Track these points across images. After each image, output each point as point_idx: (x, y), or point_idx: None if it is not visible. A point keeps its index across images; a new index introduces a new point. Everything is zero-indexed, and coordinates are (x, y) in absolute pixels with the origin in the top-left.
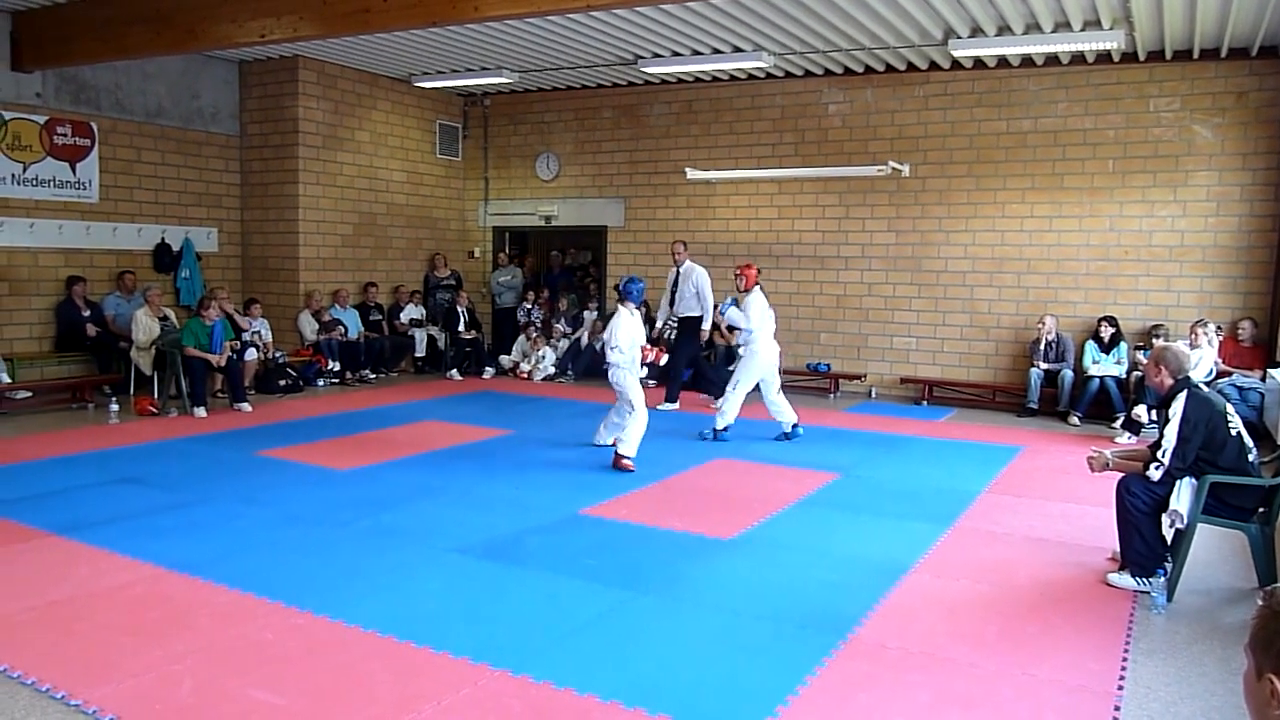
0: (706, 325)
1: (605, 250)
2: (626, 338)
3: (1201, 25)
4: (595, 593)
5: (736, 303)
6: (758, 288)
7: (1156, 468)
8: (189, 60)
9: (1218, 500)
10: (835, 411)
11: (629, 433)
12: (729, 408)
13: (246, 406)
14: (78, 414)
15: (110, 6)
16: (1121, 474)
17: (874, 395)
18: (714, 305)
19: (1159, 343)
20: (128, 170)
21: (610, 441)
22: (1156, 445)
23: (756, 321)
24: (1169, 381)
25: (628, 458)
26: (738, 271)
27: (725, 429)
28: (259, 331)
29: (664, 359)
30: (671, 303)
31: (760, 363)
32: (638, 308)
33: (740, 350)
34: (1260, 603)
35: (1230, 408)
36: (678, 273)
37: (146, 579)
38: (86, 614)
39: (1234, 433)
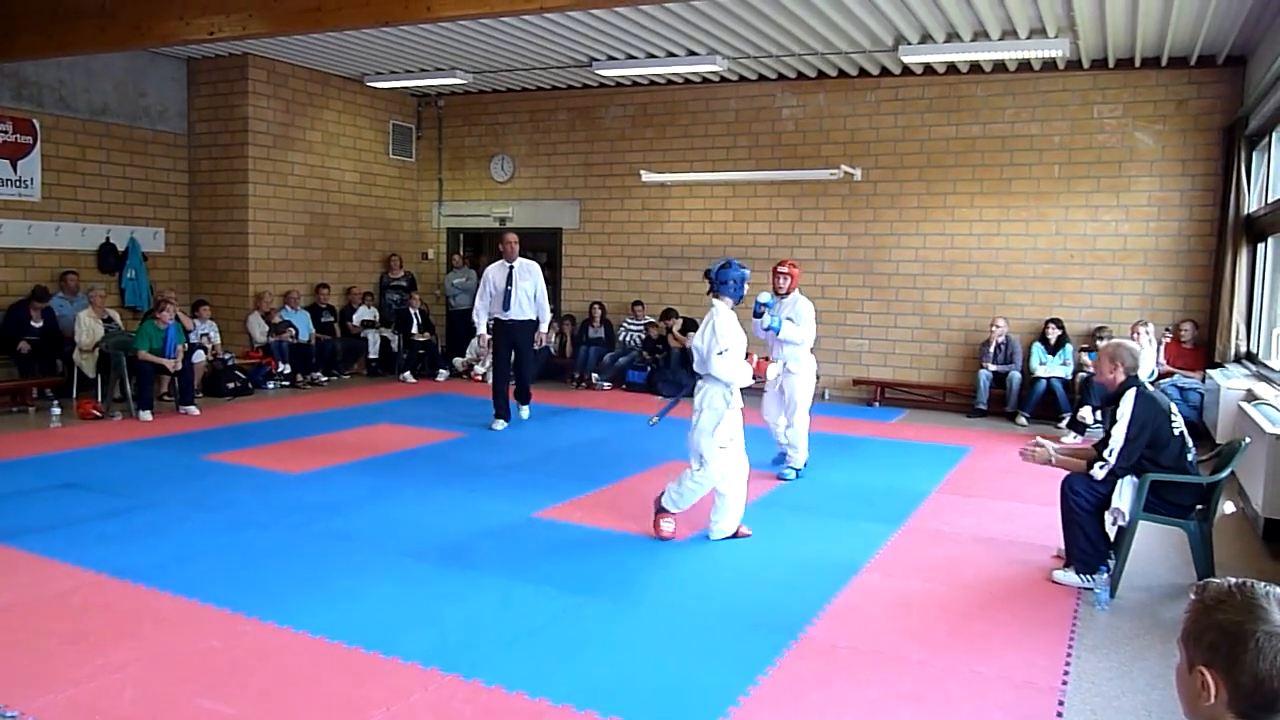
0: (544, 328)
1: (560, 253)
2: (737, 339)
3: (1143, 35)
4: (548, 596)
5: (770, 308)
6: (798, 290)
7: (1101, 466)
8: (135, 57)
9: (1158, 498)
10: None
11: (688, 487)
12: (800, 441)
13: (194, 409)
14: (18, 418)
15: (53, 2)
16: (1064, 470)
17: (827, 397)
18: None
19: (1110, 340)
20: (71, 168)
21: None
22: (1103, 444)
23: (811, 331)
24: (1121, 377)
25: (671, 513)
26: (784, 271)
27: (804, 464)
28: (207, 334)
29: (771, 370)
30: (506, 305)
31: (810, 379)
32: (736, 304)
33: (786, 368)
34: (1192, 596)
35: (1174, 408)
36: (511, 270)
37: (88, 586)
38: (25, 622)
39: (1176, 432)
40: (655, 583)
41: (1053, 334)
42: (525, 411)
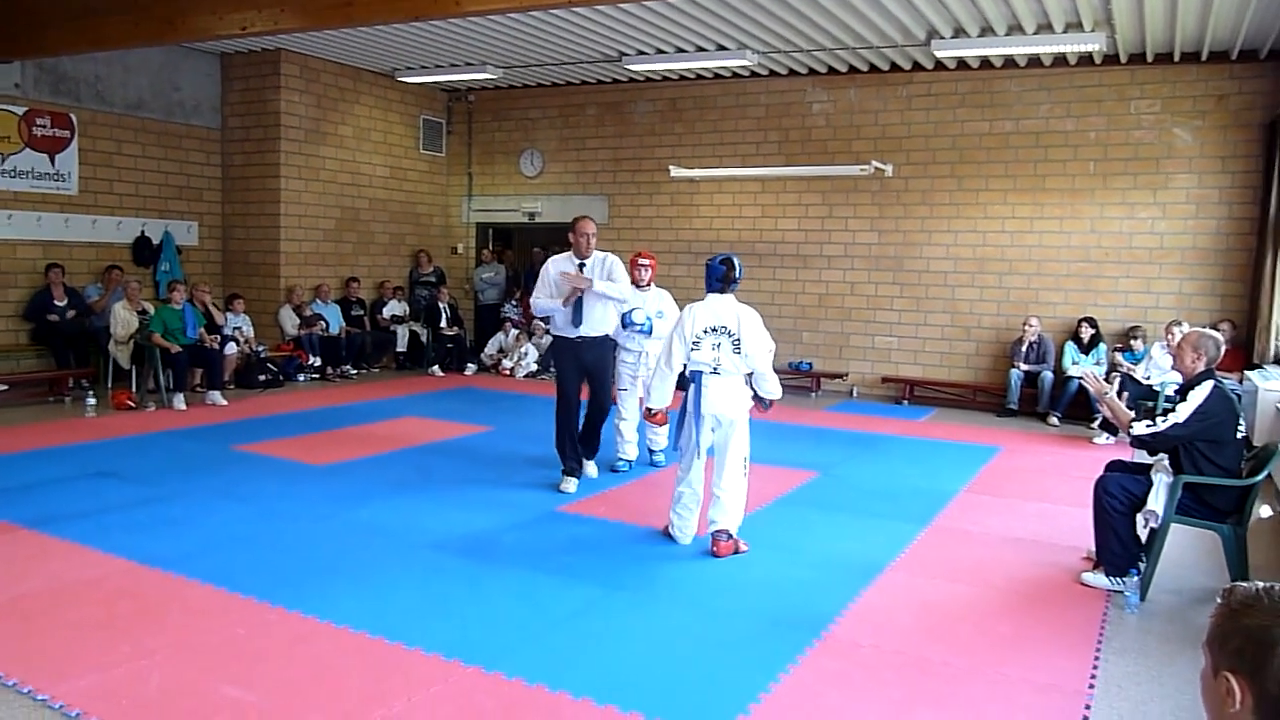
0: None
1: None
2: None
3: (1182, 29)
4: (570, 589)
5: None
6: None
7: (1148, 425)
8: (170, 52)
9: (1197, 500)
10: (816, 410)
11: (740, 498)
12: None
13: (219, 398)
14: (54, 407)
15: None
16: (1108, 414)
17: (855, 394)
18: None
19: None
20: (107, 162)
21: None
22: (1157, 414)
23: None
24: (1201, 367)
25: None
26: (644, 263)
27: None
28: (240, 327)
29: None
30: (577, 318)
31: None
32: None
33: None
34: (1220, 601)
35: (1241, 414)
36: (582, 269)
37: (118, 573)
38: (55, 608)
39: (1239, 435)
40: (678, 578)
41: (1086, 333)
42: (592, 468)
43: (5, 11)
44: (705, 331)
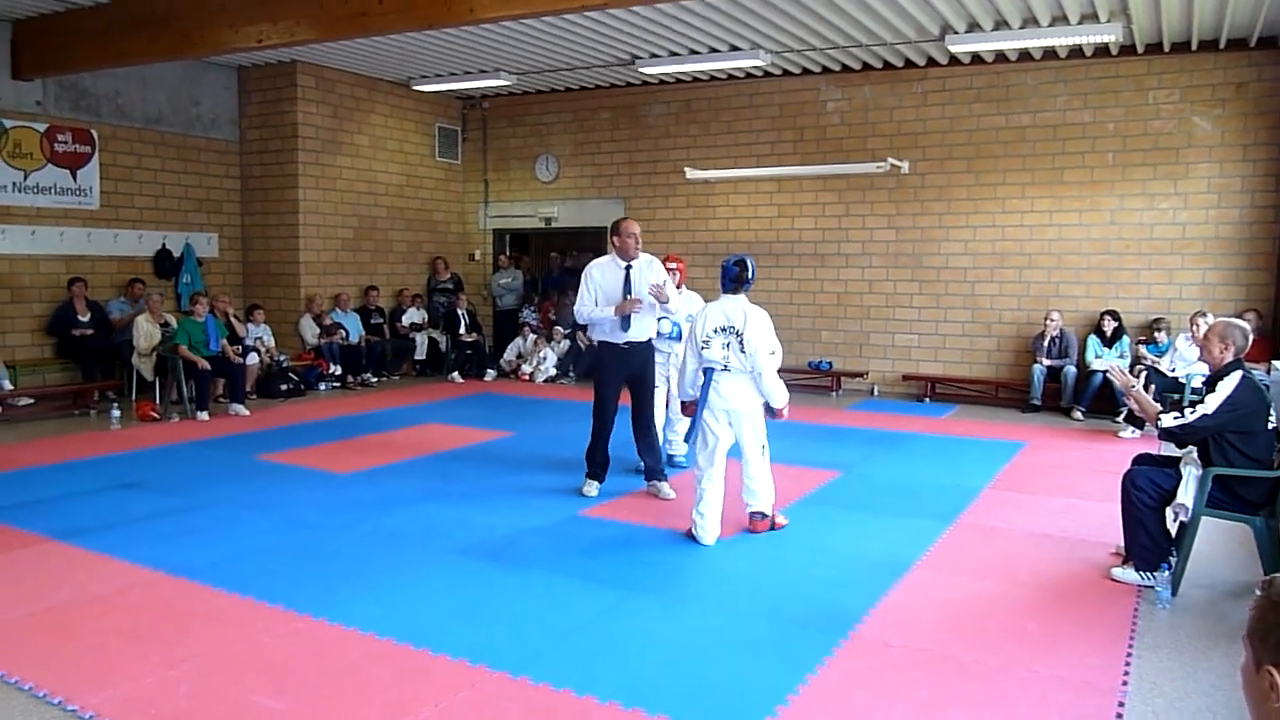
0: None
1: (606, 251)
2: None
3: (1199, 17)
4: (594, 593)
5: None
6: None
7: (1176, 417)
8: (188, 66)
9: (1224, 493)
10: (837, 409)
11: (768, 482)
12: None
13: (242, 409)
14: (79, 420)
15: (108, 14)
16: (1135, 405)
17: (876, 393)
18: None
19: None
20: (128, 176)
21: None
22: (1184, 406)
23: None
24: (1229, 358)
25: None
26: (673, 267)
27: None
28: (260, 337)
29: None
30: (625, 322)
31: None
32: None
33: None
34: (1258, 593)
35: (1272, 404)
36: (628, 272)
37: (145, 584)
38: (84, 619)
39: (1270, 427)
40: (702, 579)
41: (1108, 326)
42: (667, 489)
43: (29, 32)
44: (715, 331)
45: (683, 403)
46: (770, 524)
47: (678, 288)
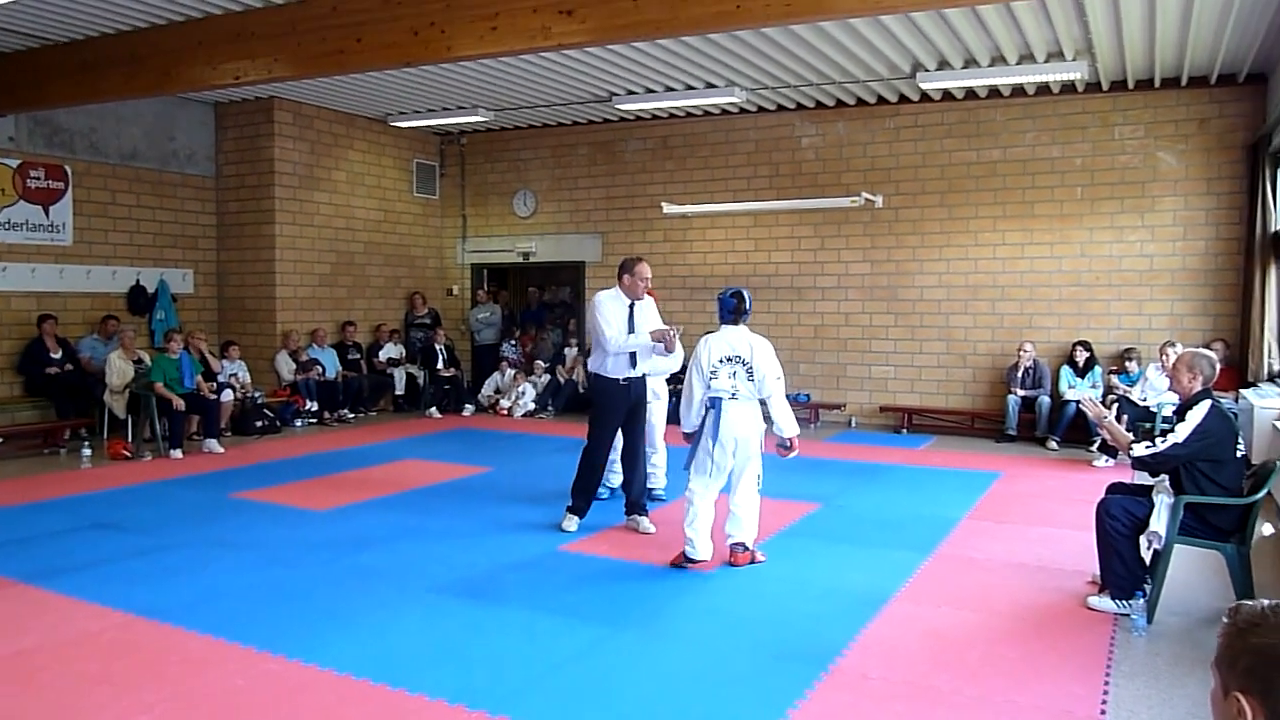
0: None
1: (583, 286)
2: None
3: (1161, 55)
4: (574, 629)
5: None
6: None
7: (1147, 446)
8: (164, 103)
9: (1196, 520)
10: (816, 441)
11: (755, 514)
12: (663, 464)
13: (216, 446)
14: (49, 459)
15: (84, 50)
16: (1108, 435)
17: (854, 424)
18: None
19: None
20: (102, 213)
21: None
22: (1156, 435)
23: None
24: (1198, 387)
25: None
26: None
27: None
28: (236, 374)
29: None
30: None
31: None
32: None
33: (656, 393)
34: (1225, 620)
35: (1240, 432)
36: (632, 310)
37: (116, 626)
38: (54, 663)
39: (1239, 454)
40: (682, 614)
41: (1081, 356)
42: (647, 523)
43: (7, 68)
44: (721, 361)
45: (686, 434)
46: (750, 558)
47: None
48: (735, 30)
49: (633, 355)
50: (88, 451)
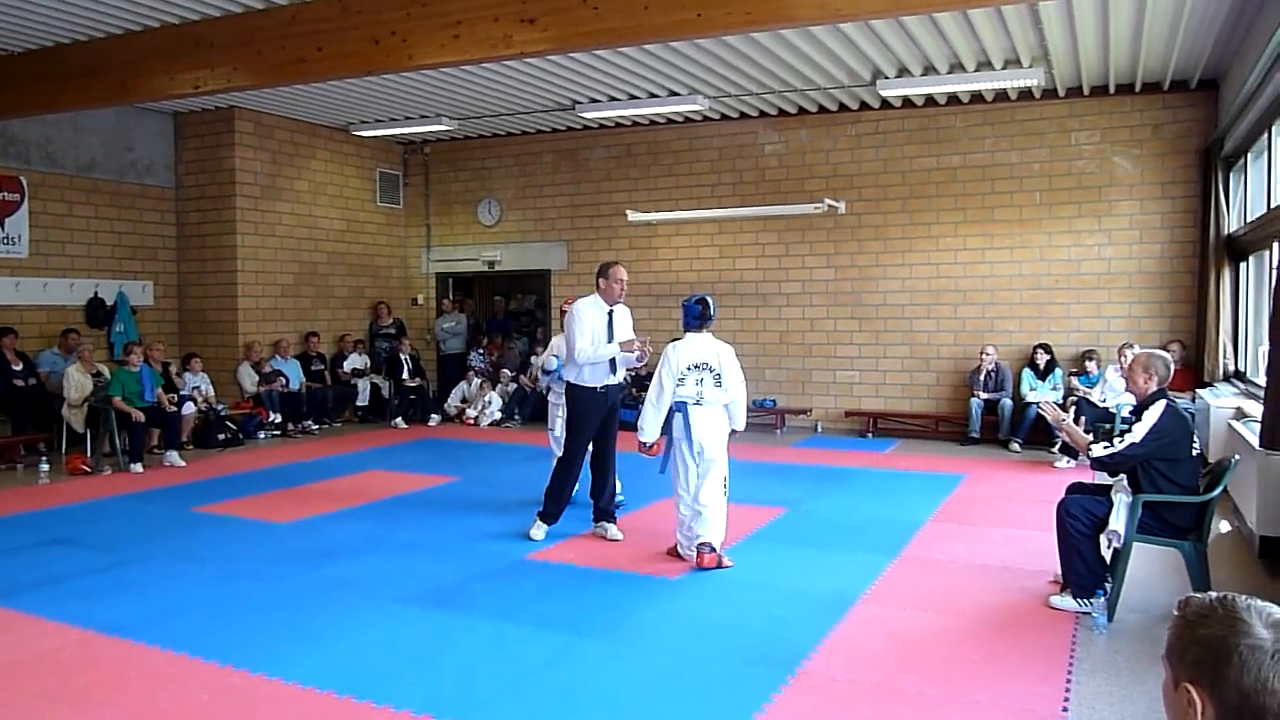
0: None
1: (549, 294)
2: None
3: (1115, 62)
4: (542, 638)
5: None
6: None
7: (1105, 447)
8: (122, 113)
9: (1154, 519)
10: (782, 447)
11: (722, 514)
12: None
13: (177, 458)
14: (5, 475)
15: (39, 60)
16: (1067, 437)
17: (820, 429)
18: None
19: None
20: (59, 224)
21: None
22: (1114, 436)
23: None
24: (1153, 387)
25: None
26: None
27: None
28: (198, 386)
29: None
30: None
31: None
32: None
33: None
34: (1175, 613)
35: (1196, 431)
36: (611, 316)
37: (75, 643)
38: (11, 682)
39: (1194, 453)
40: (649, 621)
41: (1042, 359)
42: (615, 530)
43: None
44: (689, 368)
45: (643, 443)
46: (717, 560)
47: None
48: (696, 38)
49: (613, 362)
50: (45, 467)
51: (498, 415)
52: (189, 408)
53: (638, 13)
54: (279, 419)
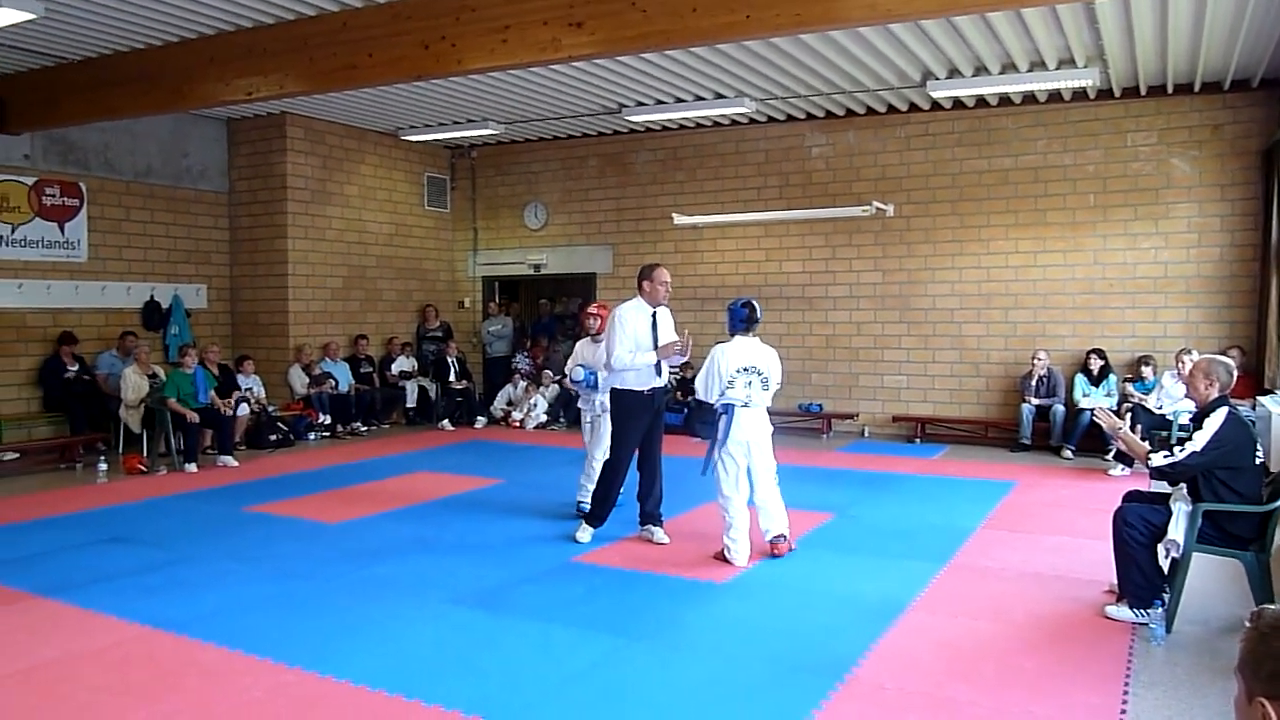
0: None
1: (594, 297)
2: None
3: (1174, 61)
4: (588, 640)
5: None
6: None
7: (1166, 456)
8: (177, 119)
9: (1215, 528)
10: (829, 452)
11: (782, 505)
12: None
13: (231, 460)
14: (65, 474)
15: (97, 68)
16: (1123, 446)
17: (867, 434)
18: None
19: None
20: (116, 229)
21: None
22: (1175, 444)
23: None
24: (1214, 394)
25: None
26: (593, 312)
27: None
28: (251, 388)
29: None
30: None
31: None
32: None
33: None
34: (1248, 625)
35: (1259, 439)
36: (654, 318)
37: (133, 639)
38: (71, 676)
39: (1258, 462)
40: (696, 625)
41: (1095, 365)
42: (661, 534)
43: (17, 87)
44: (739, 371)
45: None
46: (789, 546)
47: (598, 335)
48: (744, 40)
49: (658, 365)
50: (104, 466)
51: (543, 418)
52: (243, 409)
53: (685, 15)
54: (328, 420)
